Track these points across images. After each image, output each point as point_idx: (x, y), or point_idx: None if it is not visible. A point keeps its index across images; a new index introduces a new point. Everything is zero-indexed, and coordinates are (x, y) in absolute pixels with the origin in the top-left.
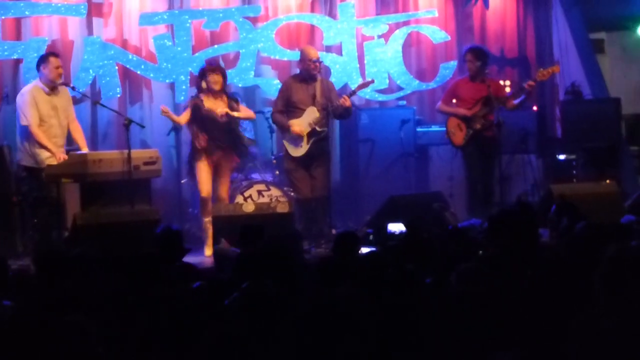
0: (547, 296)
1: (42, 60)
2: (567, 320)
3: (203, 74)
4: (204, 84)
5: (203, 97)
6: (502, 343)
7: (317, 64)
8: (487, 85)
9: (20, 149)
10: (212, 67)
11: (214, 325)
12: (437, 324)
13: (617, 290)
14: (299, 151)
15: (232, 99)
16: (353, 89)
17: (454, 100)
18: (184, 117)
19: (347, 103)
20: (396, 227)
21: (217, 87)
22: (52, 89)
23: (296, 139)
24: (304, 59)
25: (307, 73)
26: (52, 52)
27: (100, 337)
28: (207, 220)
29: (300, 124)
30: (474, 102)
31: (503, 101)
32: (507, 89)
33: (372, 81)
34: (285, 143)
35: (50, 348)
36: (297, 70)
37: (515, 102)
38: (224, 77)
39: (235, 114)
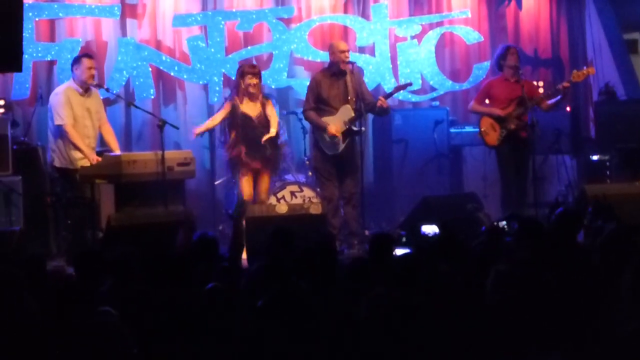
0: (579, 299)
1: (75, 61)
2: (595, 323)
3: (241, 74)
4: (241, 83)
5: (238, 99)
6: (536, 346)
7: (347, 53)
8: (522, 85)
9: (53, 150)
10: (250, 70)
11: (242, 327)
12: (471, 326)
13: None
14: (336, 150)
15: (266, 99)
16: (389, 91)
17: (487, 100)
18: (218, 116)
19: (385, 104)
20: (430, 229)
21: (253, 90)
22: (86, 90)
23: (333, 138)
24: (333, 52)
25: (338, 66)
26: (85, 53)
27: (134, 338)
28: None
29: (336, 124)
30: (508, 102)
31: (537, 101)
32: (541, 90)
33: (410, 84)
34: (322, 144)
35: (86, 348)
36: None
37: (550, 102)
38: (261, 79)
39: (273, 131)
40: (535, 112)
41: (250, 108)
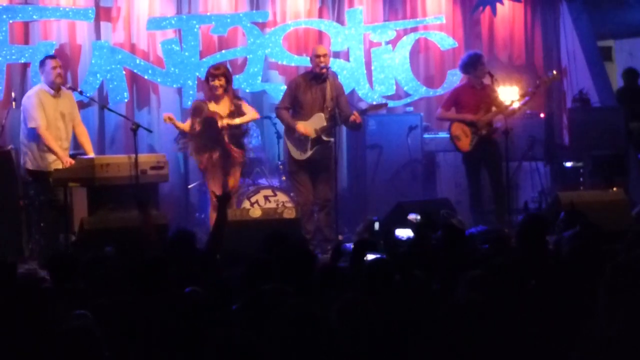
0: (552, 304)
1: (41, 64)
2: (570, 330)
3: (207, 78)
4: (208, 87)
5: (207, 102)
6: (506, 352)
7: (322, 58)
8: (487, 91)
9: (25, 153)
10: (214, 72)
11: (219, 330)
12: (443, 330)
13: (619, 299)
14: (302, 155)
15: (236, 98)
16: (364, 107)
17: (454, 108)
18: (188, 124)
19: (358, 120)
20: (404, 233)
21: (218, 92)
22: (57, 91)
23: (301, 142)
24: (312, 56)
25: (315, 71)
26: (48, 55)
27: (107, 341)
28: None
29: (307, 127)
30: (477, 107)
31: (502, 108)
32: (516, 94)
33: (386, 104)
34: (289, 145)
35: (58, 352)
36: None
37: (516, 106)
38: (228, 79)
39: (237, 120)
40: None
41: (219, 108)
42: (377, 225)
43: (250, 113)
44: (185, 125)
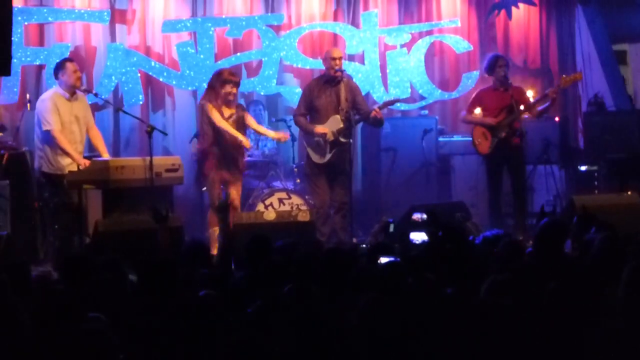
0: (568, 308)
1: (59, 67)
2: (586, 332)
3: (223, 81)
4: (220, 90)
5: (213, 104)
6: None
7: (338, 61)
8: (511, 94)
9: (40, 156)
10: (231, 79)
11: (233, 333)
12: (458, 333)
13: (637, 299)
14: (321, 159)
15: (242, 109)
16: (382, 102)
17: (478, 110)
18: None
19: (379, 115)
20: (418, 236)
21: (231, 99)
22: (72, 94)
23: (320, 146)
24: (326, 58)
25: (329, 74)
26: (67, 58)
27: (121, 343)
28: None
29: (325, 129)
30: (498, 110)
31: (527, 108)
32: (531, 97)
33: (399, 99)
34: (309, 149)
35: (72, 354)
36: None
37: (540, 108)
38: (238, 89)
39: (248, 144)
40: (524, 122)
41: (225, 115)
42: (392, 227)
43: (252, 124)
44: (228, 127)
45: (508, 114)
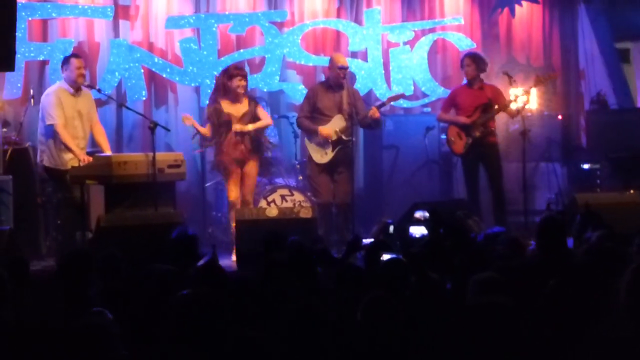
0: (568, 305)
1: (64, 62)
2: (585, 330)
3: (230, 76)
4: (229, 85)
5: (222, 101)
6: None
7: (345, 71)
8: (486, 92)
9: (43, 150)
10: (237, 72)
11: (233, 329)
12: (455, 330)
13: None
14: (323, 158)
15: (252, 101)
16: (382, 100)
17: (453, 109)
18: (208, 129)
19: (376, 115)
20: (418, 230)
21: (240, 91)
22: (77, 90)
23: (322, 145)
24: (332, 66)
25: (334, 80)
26: (73, 54)
27: (124, 338)
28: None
29: (328, 129)
30: (472, 109)
31: (502, 107)
32: (508, 95)
33: (403, 95)
34: (311, 148)
35: (74, 349)
36: (323, 77)
37: (516, 106)
38: (247, 80)
39: (250, 127)
40: (528, 120)
41: (235, 109)
42: (391, 229)
43: (264, 119)
44: (206, 130)
45: (482, 113)
